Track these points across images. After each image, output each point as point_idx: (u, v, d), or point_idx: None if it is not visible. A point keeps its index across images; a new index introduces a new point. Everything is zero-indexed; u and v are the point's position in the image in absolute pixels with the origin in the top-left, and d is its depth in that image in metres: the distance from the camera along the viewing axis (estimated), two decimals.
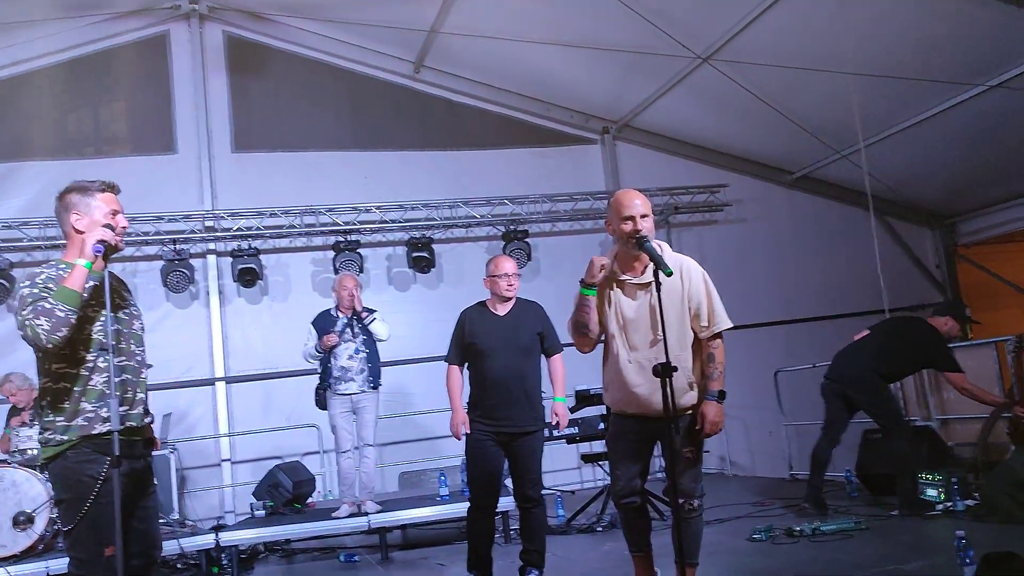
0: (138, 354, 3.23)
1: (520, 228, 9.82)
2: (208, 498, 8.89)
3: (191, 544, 6.19)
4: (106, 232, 3.04)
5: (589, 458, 7.50)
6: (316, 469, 8.54)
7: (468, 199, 9.87)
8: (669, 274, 3.44)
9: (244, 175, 9.61)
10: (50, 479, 3.16)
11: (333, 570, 6.33)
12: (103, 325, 3.08)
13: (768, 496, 7.27)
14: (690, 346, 3.73)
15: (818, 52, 8.07)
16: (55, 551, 5.94)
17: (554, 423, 4.82)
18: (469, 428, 4.77)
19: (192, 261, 8.97)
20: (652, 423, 3.69)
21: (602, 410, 6.89)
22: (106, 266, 3.07)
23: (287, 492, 7.27)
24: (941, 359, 6.02)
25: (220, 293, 9.33)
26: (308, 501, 7.62)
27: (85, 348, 3.05)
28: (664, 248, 3.69)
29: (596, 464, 7.91)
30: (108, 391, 3.02)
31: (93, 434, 3.01)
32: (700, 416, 3.68)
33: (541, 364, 4.94)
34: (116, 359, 3.05)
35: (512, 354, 4.74)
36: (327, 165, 9.85)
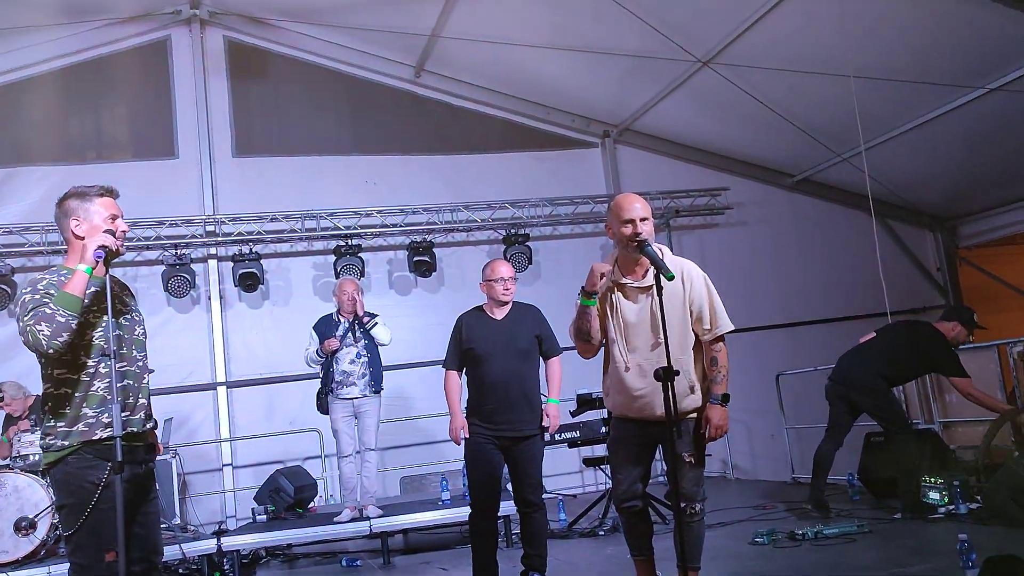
0: (139, 359, 3.23)
1: (521, 232, 9.81)
2: (210, 503, 8.88)
3: (193, 549, 6.19)
4: (107, 237, 3.04)
5: (591, 462, 7.50)
6: (318, 474, 8.55)
7: (469, 203, 9.87)
8: (671, 278, 3.44)
9: (245, 179, 9.62)
10: (51, 484, 3.16)
11: (335, 575, 6.33)
12: (104, 331, 3.08)
13: (770, 500, 7.27)
14: (691, 349, 3.73)
15: (818, 55, 8.07)
16: (57, 556, 5.95)
17: (546, 424, 4.78)
18: (468, 433, 4.76)
19: (193, 266, 8.97)
20: (653, 427, 3.69)
21: (603, 414, 6.88)
22: (107, 271, 3.06)
23: (289, 497, 7.28)
24: (946, 364, 5.98)
25: (221, 298, 9.33)
26: (310, 506, 7.62)
27: (86, 354, 3.05)
28: (664, 252, 3.68)
29: (598, 468, 7.92)
30: (109, 397, 3.01)
31: (94, 440, 3.01)
32: (704, 420, 3.68)
33: (540, 367, 4.93)
34: (117, 365, 3.04)
35: (510, 358, 4.73)
36: (328, 169, 9.86)
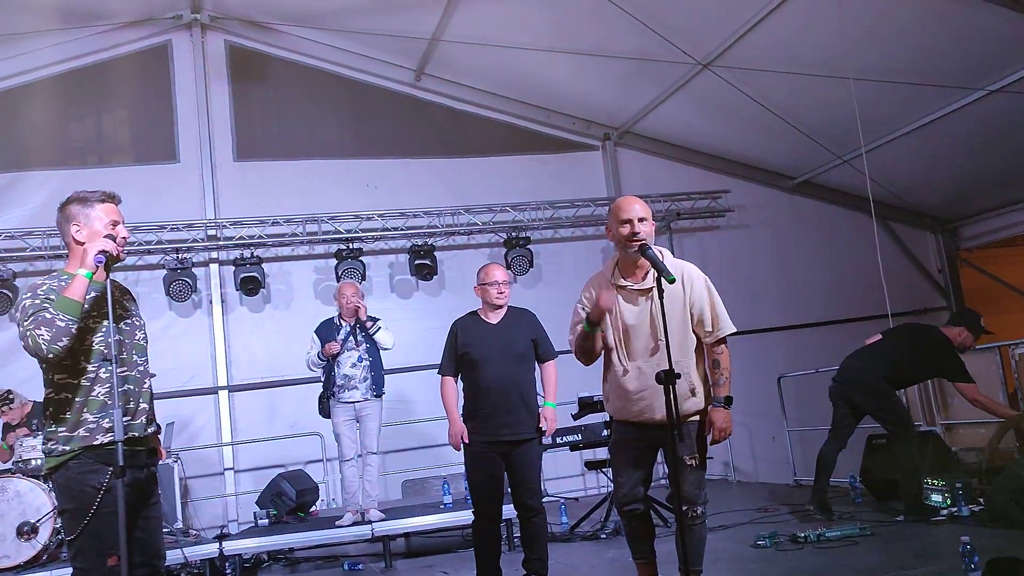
0: (140, 364, 3.23)
1: (522, 235, 9.82)
2: (211, 507, 8.87)
3: (195, 553, 6.18)
4: (107, 243, 3.04)
5: (593, 465, 7.50)
6: (319, 477, 8.53)
7: (470, 206, 9.87)
8: (672, 281, 3.44)
9: (246, 184, 9.62)
10: (53, 489, 3.16)
11: None
12: (104, 335, 3.08)
13: (772, 502, 7.25)
14: (692, 352, 3.72)
15: (819, 57, 8.07)
16: (59, 561, 5.95)
17: (543, 426, 4.76)
18: (468, 439, 4.75)
19: (194, 270, 8.98)
20: (654, 430, 3.68)
21: (605, 417, 6.86)
22: (108, 276, 3.06)
23: (290, 501, 7.27)
24: (952, 369, 5.94)
25: (223, 302, 9.34)
26: (311, 510, 7.61)
27: (86, 359, 3.05)
28: (665, 254, 3.67)
29: (599, 471, 7.91)
30: (110, 401, 3.02)
31: (95, 445, 3.01)
32: (707, 423, 3.68)
33: (536, 371, 4.92)
34: (118, 369, 3.04)
35: (507, 362, 4.72)
36: (329, 173, 9.87)
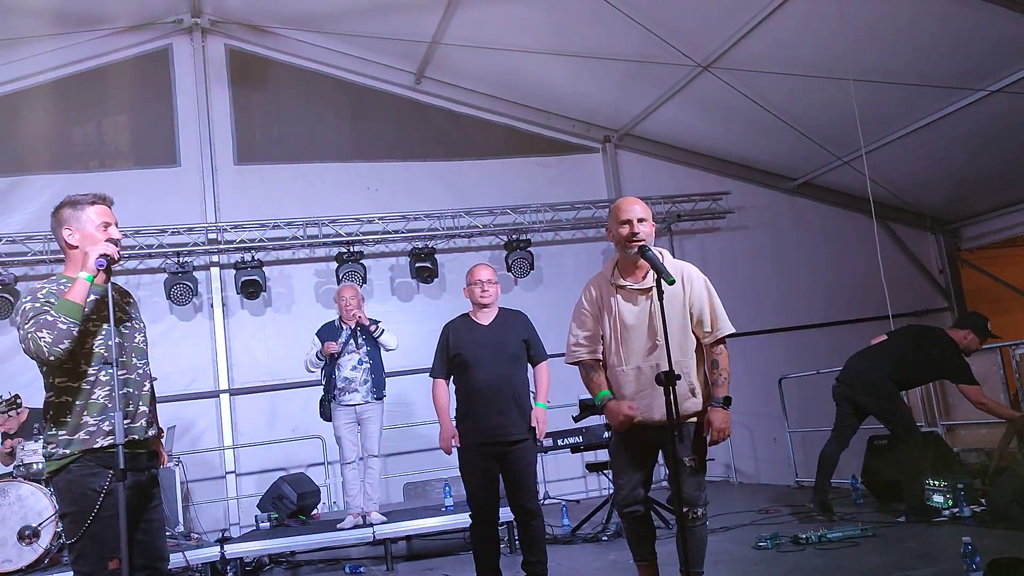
0: (139, 367, 3.22)
1: (522, 237, 9.83)
2: (213, 510, 8.88)
3: (196, 557, 6.17)
4: (108, 246, 3.04)
5: (594, 467, 7.49)
6: (321, 480, 8.53)
7: (470, 209, 9.89)
8: (671, 282, 3.44)
9: (247, 187, 9.64)
10: (54, 493, 3.17)
11: None
12: (104, 339, 3.08)
13: (774, 504, 7.25)
14: (692, 352, 3.72)
15: (818, 58, 8.08)
16: (60, 565, 5.95)
17: (533, 426, 4.71)
18: (459, 442, 4.74)
19: (195, 273, 8.99)
20: (653, 431, 3.68)
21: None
22: (108, 280, 3.07)
23: (292, 504, 7.28)
24: (957, 372, 5.91)
25: (223, 305, 9.35)
26: (313, 512, 7.62)
27: (86, 362, 3.05)
28: (664, 255, 3.67)
29: (601, 473, 7.90)
30: (110, 404, 3.02)
31: (95, 448, 3.01)
32: (706, 423, 3.66)
33: (528, 372, 4.89)
34: (117, 373, 3.05)
35: (499, 363, 4.69)
36: (329, 176, 9.88)
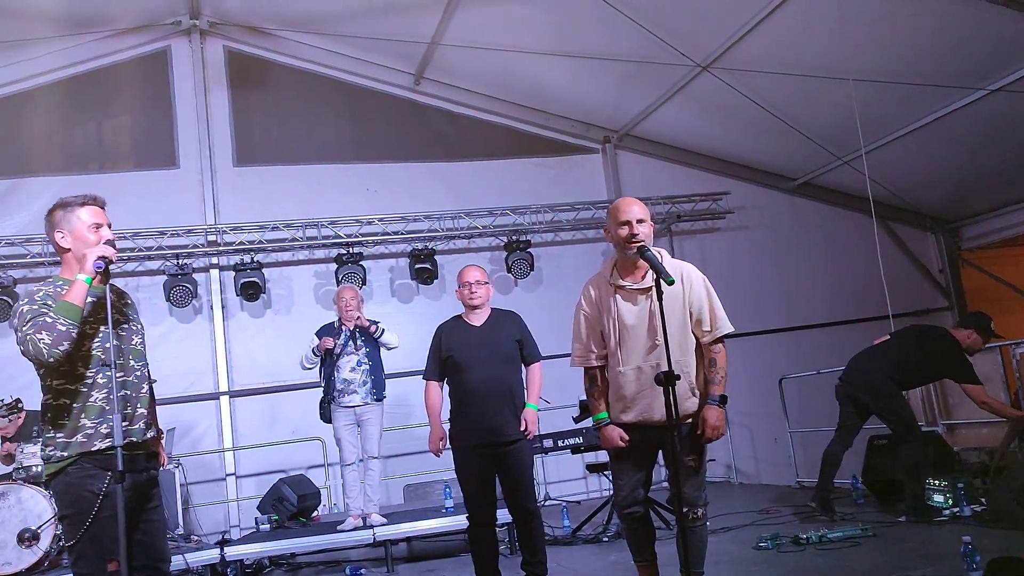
0: (137, 369, 3.22)
1: (522, 238, 9.82)
2: (213, 512, 8.88)
3: (196, 559, 6.17)
4: (107, 249, 3.05)
5: (594, 468, 7.49)
6: (321, 482, 8.53)
7: (470, 210, 9.88)
8: (671, 283, 3.43)
9: (246, 189, 9.64)
10: (53, 495, 3.16)
11: None
12: (102, 341, 3.08)
13: (774, 504, 7.24)
14: (692, 352, 3.71)
15: (818, 58, 8.07)
16: (60, 568, 5.96)
17: (523, 428, 4.69)
18: (449, 444, 4.74)
19: (195, 275, 8.98)
20: (653, 431, 3.67)
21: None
22: (107, 282, 3.06)
23: (292, 506, 7.27)
24: (959, 371, 5.90)
25: (223, 307, 9.35)
26: (313, 514, 7.61)
27: (84, 364, 3.05)
28: (663, 255, 3.66)
29: (601, 474, 7.90)
30: (108, 407, 3.02)
31: (93, 451, 3.01)
32: (701, 421, 3.65)
33: (522, 372, 4.88)
34: (115, 374, 3.04)
35: (493, 364, 4.68)
36: (329, 178, 9.88)
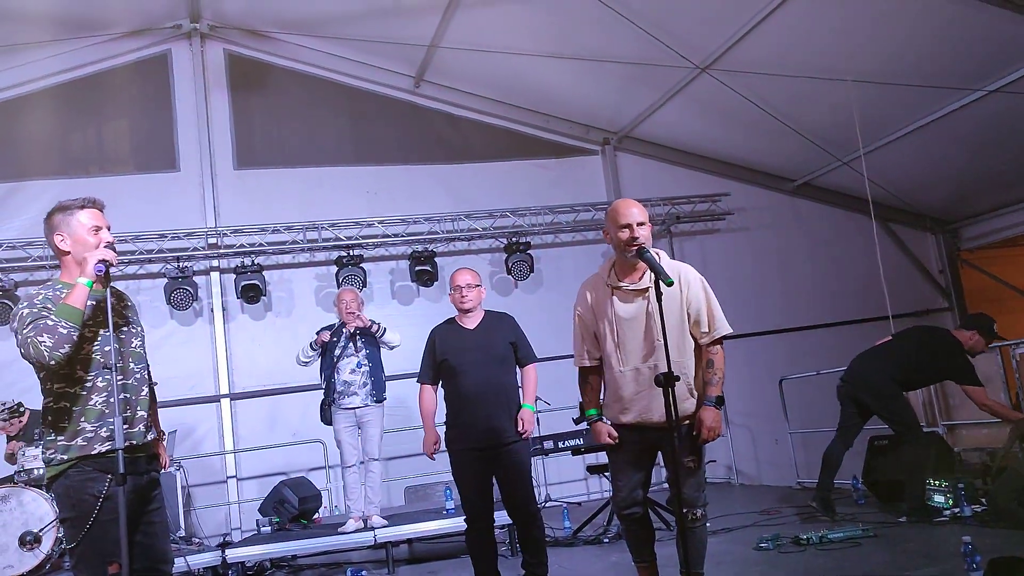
0: (137, 372, 3.23)
1: (522, 240, 9.82)
2: (214, 515, 8.88)
3: (197, 561, 6.18)
4: (107, 252, 3.05)
5: (595, 469, 7.48)
6: (322, 484, 8.54)
7: (470, 212, 9.89)
8: (670, 284, 3.44)
9: (246, 192, 9.65)
10: (54, 498, 3.17)
11: None
12: (101, 344, 3.09)
13: (775, 505, 7.24)
14: (691, 353, 3.72)
15: (817, 60, 8.08)
16: (62, 571, 5.96)
17: (520, 428, 4.69)
18: (443, 447, 4.75)
19: (195, 278, 9.00)
20: (651, 432, 3.68)
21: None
22: (108, 285, 3.07)
23: (293, 508, 7.28)
24: (961, 372, 5.89)
25: (224, 310, 9.36)
26: (314, 516, 7.62)
27: (84, 368, 3.05)
28: (662, 256, 3.67)
29: (602, 475, 7.88)
30: (107, 410, 3.03)
31: (93, 454, 3.01)
32: (698, 422, 3.66)
33: (517, 374, 4.88)
34: (116, 377, 3.05)
35: (487, 367, 4.68)
36: (329, 180, 9.89)
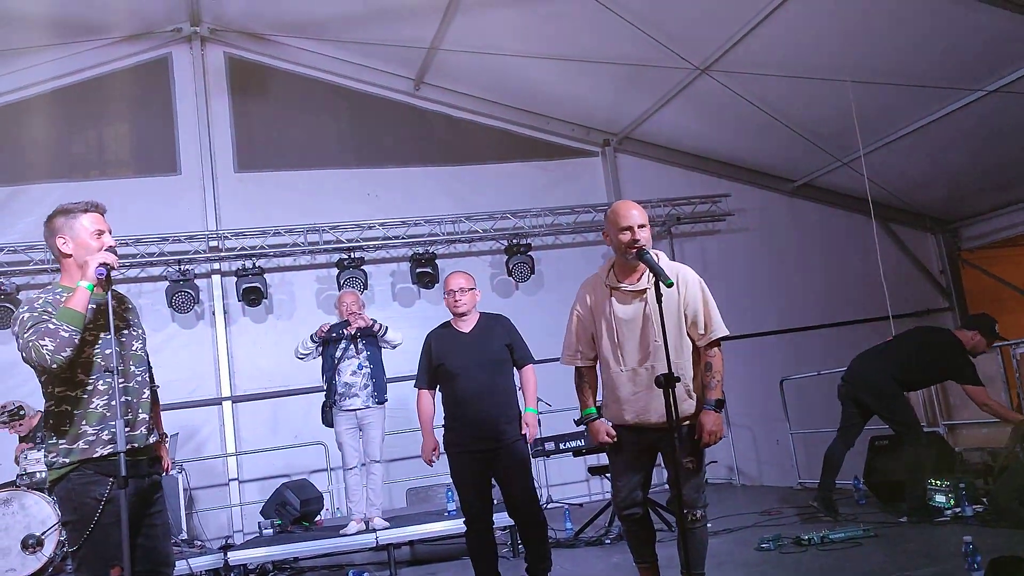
0: (138, 375, 3.24)
1: (523, 242, 9.83)
2: (216, 517, 8.89)
3: (199, 564, 6.19)
4: (108, 255, 3.06)
5: (596, 470, 7.48)
6: (324, 487, 8.55)
7: (471, 214, 9.90)
8: (670, 285, 3.45)
9: (247, 195, 9.66)
10: (56, 501, 3.18)
11: None
12: (102, 347, 3.10)
13: (776, 506, 7.24)
14: (688, 355, 3.72)
15: (816, 60, 8.09)
16: (64, 574, 5.97)
17: (524, 432, 4.71)
18: (445, 451, 4.76)
19: (197, 281, 9.02)
20: (650, 433, 3.69)
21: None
22: (109, 289, 3.07)
23: (295, 510, 7.29)
24: (962, 372, 5.88)
25: (225, 312, 9.37)
26: (316, 519, 7.63)
27: (85, 371, 3.06)
28: (661, 257, 3.68)
29: (603, 476, 7.89)
30: (108, 413, 3.03)
31: (94, 457, 3.02)
32: (698, 426, 3.66)
33: (515, 376, 4.89)
34: (117, 380, 3.05)
35: (483, 370, 4.69)
36: (330, 183, 9.90)
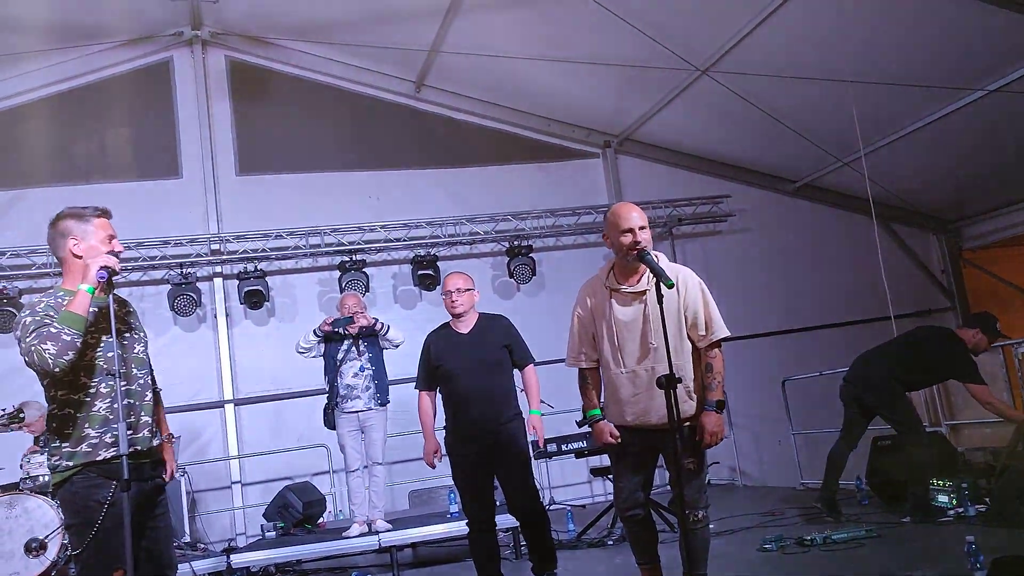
0: (140, 377, 3.24)
1: (524, 243, 9.84)
2: (219, 520, 8.90)
3: (202, 567, 6.21)
4: (109, 258, 3.06)
5: (598, 472, 7.49)
6: (326, 489, 8.55)
7: (472, 216, 9.91)
8: (670, 286, 3.45)
9: (249, 198, 9.67)
10: (60, 505, 3.18)
11: None
12: (104, 350, 3.10)
13: (779, 506, 7.24)
14: (689, 354, 3.72)
15: (817, 61, 8.10)
16: None
17: (531, 436, 4.71)
18: (447, 452, 4.77)
19: (199, 284, 9.04)
20: (651, 434, 3.69)
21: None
22: (110, 292, 3.08)
23: (297, 513, 7.29)
24: (964, 371, 5.86)
25: (227, 315, 9.38)
26: (319, 521, 7.63)
27: (87, 374, 3.07)
28: (661, 258, 3.68)
29: (605, 478, 7.90)
30: (111, 416, 3.04)
31: (98, 460, 3.02)
32: (699, 427, 3.66)
33: (515, 377, 4.90)
34: (120, 383, 3.06)
35: (482, 371, 4.70)
36: (331, 185, 9.92)
